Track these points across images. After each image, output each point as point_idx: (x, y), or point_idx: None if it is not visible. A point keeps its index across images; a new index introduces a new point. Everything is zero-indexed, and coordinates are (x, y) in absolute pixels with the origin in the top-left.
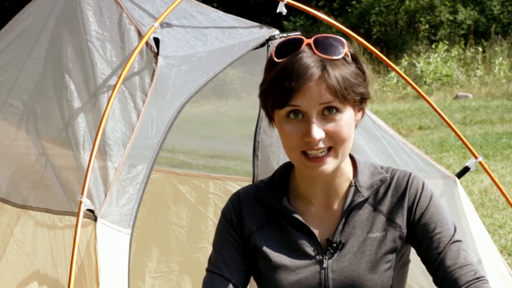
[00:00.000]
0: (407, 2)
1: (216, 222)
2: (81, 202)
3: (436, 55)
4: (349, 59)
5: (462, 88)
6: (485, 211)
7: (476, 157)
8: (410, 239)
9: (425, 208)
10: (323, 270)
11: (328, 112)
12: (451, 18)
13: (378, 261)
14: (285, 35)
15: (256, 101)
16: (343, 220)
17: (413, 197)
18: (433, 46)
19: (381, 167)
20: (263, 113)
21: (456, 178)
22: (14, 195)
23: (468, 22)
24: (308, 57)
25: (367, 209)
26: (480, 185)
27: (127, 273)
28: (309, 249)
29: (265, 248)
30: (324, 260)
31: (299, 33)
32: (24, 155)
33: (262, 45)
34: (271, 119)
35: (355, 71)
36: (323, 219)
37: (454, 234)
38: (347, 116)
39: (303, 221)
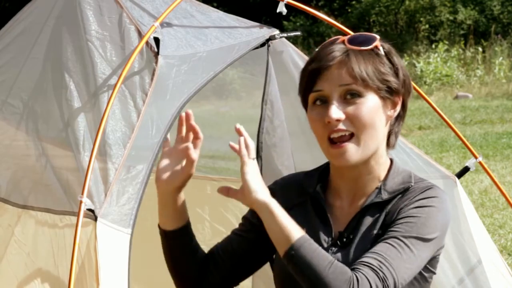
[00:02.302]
0: (407, 2)
1: (213, 224)
2: (81, 202)
3: (436, 55)
4: (381, 52)
5: (462, 88)
6: (485, 211)
7: (476, 157)
8: None
9: (407, 209)
10: None
11: (350, 96)
12: (451, 18)
13: None
14: (285, 35)
15: (256, 101)
16: (357, 216)
17: (410, 200)
18: (433, 46)
19: (418, 178)
20: (265, 113)
21: (456, 178)
22: (14, 195)
23: (468, 22)
24: (335, 47)
25: (380, 209)
26: (480, 185)
27: (127, 273)
28: (323, 239)
29: None
30: (330, 251)
31: (299, 32)
32: (24, 156)
33: (262, 45)
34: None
35: (383, 62)
36: (346, 213)
37: (403, 236)
38: (370, 101)
39: (325, 209)
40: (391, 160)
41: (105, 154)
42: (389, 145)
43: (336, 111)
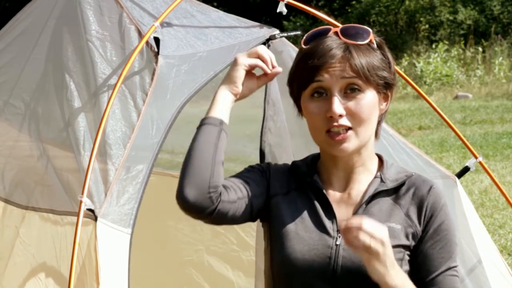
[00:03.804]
0: (407, 2)
1: (211, 225)
2: (81, 202)
3: (436, 55)
4: (374, 46)
5: (462, 88)
6: (485, 211)
7: (476, 157)
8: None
9: (438, 225)
10: (335, 246)
11: (350, 91)
12: (451, 18)
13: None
14: (285, 34)
15: (256, 101)
16: (364, 206)
17: (432, 210)
18: (433, 46)
19: (409, 170)
20: (268, 113)
21: (456, 178)
22: (18, 195)
23: (468, 22)
24: (333, 41)
25: (388, 201)
26: (480, 185)
27: (127, 272)
28: (327, 225)
29: (284, 213)
30: (339, 237)
31: (299, 32)
32: (26, 156)
33: (263, 44)
34: (299, 109)
35: (379, 57)
36: (341, 202)
37: (452, 258)
38: (369, 97)
39: (328, 198)
40: (379, 156)
41: (105, 154)
42: (376, 135)
43: (339, 106)
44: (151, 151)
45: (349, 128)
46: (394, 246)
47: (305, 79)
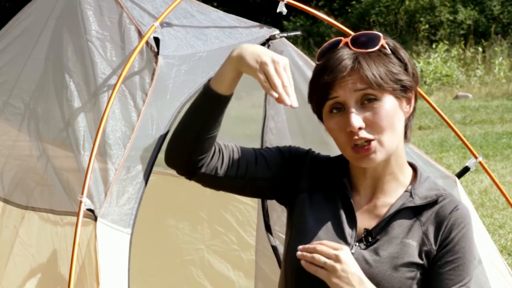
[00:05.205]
0: (407, 2)
1: (212, 225)
2: (81, 202)
3: (436, 55)
4: (387, 50)
5: (462, 88)
6: (485, 211)
7: (476, 157)
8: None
9: (452, 246)
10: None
11: (367, 101)
12: (451, 18)
13: (403, 266)
14: (285, 34)
15: (256, 101)
16: (388, 218)
17: (450, 230)
18: (433, 46)
19: (442, 187)
20: (269, 112)
21: (456, 178)
22: (18, 195)
23: (468, 22)
24: (343, 53)
25: (410, 216)
26: (480, 185)
27: (127, 273)
28: (347, 232)
29: (307, 213)
30: (355, 246)
31: (299, 32)
32: (26, 156)
33: (262, 44)
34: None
35: (393, 61)
36: (365, 211)
37: (461, 283)
38: (387, 104)
39: (353, 204)
40: (413, 167)
41: (105, 154)
42: (406, 138)
43: (356, 119)
44: (151, 151)
45: (371, 140)
46: (407, 264)
47: (321, 96)
